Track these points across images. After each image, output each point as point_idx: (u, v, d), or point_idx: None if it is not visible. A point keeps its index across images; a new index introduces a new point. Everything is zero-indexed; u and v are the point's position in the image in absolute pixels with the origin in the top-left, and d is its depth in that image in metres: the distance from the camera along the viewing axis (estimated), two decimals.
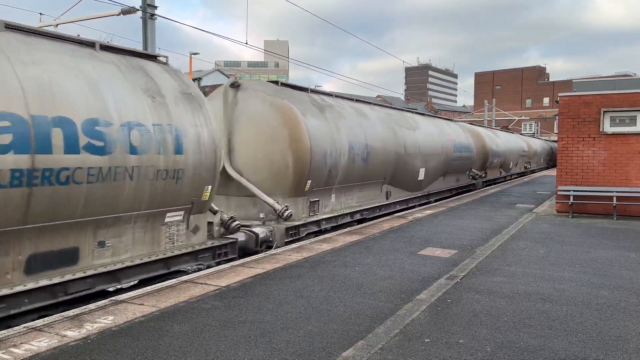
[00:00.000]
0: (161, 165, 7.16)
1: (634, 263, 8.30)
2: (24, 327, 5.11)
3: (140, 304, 5.85)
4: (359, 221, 13.10)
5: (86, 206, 6.30)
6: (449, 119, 24.19)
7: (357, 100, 14.74)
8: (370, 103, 15.72)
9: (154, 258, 7.38)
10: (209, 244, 8.47)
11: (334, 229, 11.90)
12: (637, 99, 13.62)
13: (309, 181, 10.77)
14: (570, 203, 13.97)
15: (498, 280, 7.13)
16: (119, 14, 15.33)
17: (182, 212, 7.87)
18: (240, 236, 9.35)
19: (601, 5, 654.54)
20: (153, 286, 6.69)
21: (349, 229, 11.64)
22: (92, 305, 5.82)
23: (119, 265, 6.86)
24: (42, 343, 4.67)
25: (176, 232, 7.85)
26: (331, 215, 11.93)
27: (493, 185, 26.09)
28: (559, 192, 14.43)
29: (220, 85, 13.05)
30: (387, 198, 14.92)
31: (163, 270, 7.57)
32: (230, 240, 8.99)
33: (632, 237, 10.80)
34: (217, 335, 4.95)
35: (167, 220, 7.62)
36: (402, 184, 15.81)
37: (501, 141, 29.07)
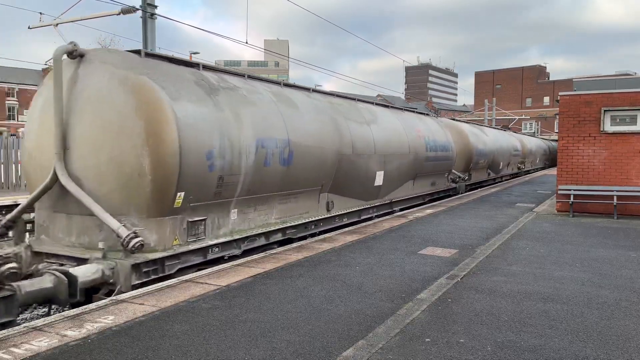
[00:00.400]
0: None
1: (635, 262, 8.30)
2: (24, 326, 5.10)
3: (140, 304, 5.85)
4: (283, 242, 10.20)
5: None
6: (423, 113, 21.25)
7: (286, 85, 11.46)
8: (308, 89, 12.40)
9: None
10: None
11: (245, 254, 8.94)
12: (637, 98, 13.61)
13: (181, 193, 7.59)
14: (570, 202, 13.96)
15: (498, 279, 7.13)
16: (118, 14, 15.32)
17: None
18: (42, 282, 6.28)
19: (601, 5, 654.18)
20: (153, 286, 6.68)
21: (349, 228, 11.60)
22: (92, 305, 5.82)
23: None
24: (43, 343, 4.67)
25: None
26: (230, 238, 8.73)
27: (485, 187, 24.28)
28: (559, 192, 14.42)
29: None
30: (328, 210, 11.90)
31: None
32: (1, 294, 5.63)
33: (632, 236, 10.80)
34: (217, 334, 4.95)
35: None
36: (351, 192, 12.78)
37: (489, 139, 26.25)
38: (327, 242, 9.81)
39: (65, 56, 7.83)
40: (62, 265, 7.33)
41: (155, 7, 15.34)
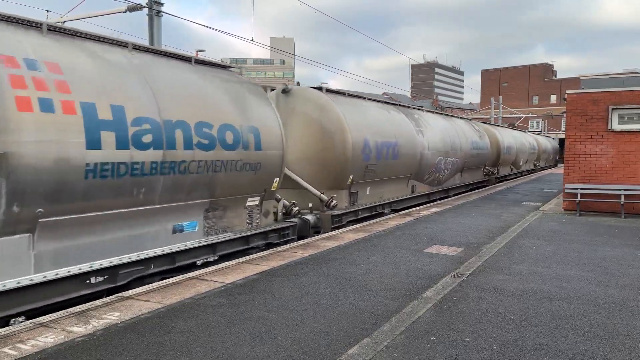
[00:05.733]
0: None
1: None
2: (31, 322, 5.13)
3: (146, 300, 5.86)
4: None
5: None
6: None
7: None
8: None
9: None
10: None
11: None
12: None
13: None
14: (577, 201, 13.87)
15: (504, 278, 7.09)
16: (125, 11, 15.34)
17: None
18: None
19: (605, 4, 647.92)
20: (159, 282, 6.70)
21: (355, 226, 11.63)
22: (98, 302, 5.83)
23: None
24: (49, 339, 4.69)
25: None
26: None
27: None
28: (566, 190, 14.34)
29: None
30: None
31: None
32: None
33: (639, 235, 10.72)
34: (222, 331, 4.95)
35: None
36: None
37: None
38: (333, 240, 9.80)
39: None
40: None
41: (162, 4, 15.35)
